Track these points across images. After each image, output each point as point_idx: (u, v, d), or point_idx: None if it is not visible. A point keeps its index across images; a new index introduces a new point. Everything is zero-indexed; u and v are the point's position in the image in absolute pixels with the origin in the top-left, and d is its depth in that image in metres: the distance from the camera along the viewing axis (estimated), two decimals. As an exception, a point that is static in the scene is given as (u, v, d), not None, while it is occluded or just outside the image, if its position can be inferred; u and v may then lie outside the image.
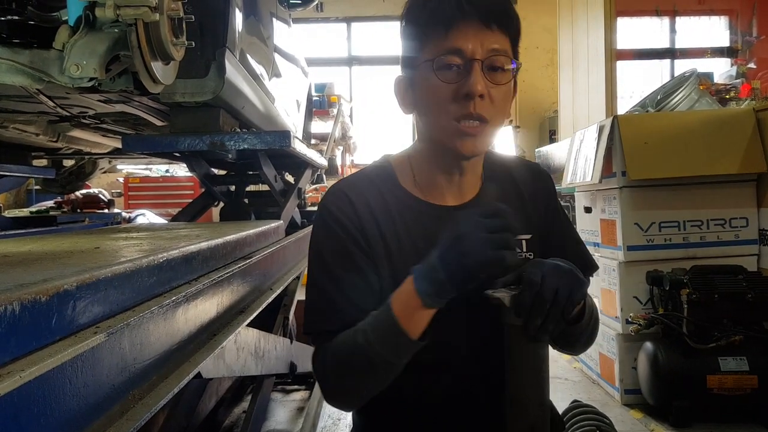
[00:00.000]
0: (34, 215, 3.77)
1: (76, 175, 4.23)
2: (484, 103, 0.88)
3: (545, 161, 4.16)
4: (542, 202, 1.04)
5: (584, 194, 3.25)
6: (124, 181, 6.02)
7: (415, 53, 0.93)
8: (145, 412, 0.78)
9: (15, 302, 0.57)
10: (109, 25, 1.38)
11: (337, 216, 0.94)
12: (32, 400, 0.57)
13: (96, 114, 2.35)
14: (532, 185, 1.05)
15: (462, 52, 0.88)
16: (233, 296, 1.44)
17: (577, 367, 3.41)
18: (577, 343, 0.99)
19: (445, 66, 0.89)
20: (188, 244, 1.16)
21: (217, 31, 1.95)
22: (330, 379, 0.91)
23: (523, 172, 1.06)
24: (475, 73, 0.87)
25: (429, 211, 0.97)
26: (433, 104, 0.91)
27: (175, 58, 1.55)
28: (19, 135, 2.73)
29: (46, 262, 0.90)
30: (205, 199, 2.78)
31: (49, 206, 4.42)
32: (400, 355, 0.84)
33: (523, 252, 1.00)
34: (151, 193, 5.86)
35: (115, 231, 1.93)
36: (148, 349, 0.87)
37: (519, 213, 1.00)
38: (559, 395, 2.88)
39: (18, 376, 0.54)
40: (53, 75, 1.40)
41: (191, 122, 2.13)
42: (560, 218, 1.07)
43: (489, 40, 0.88)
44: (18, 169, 3.12)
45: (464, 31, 0.88)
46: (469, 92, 0.87)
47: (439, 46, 0.89)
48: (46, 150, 3.37)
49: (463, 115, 0.88)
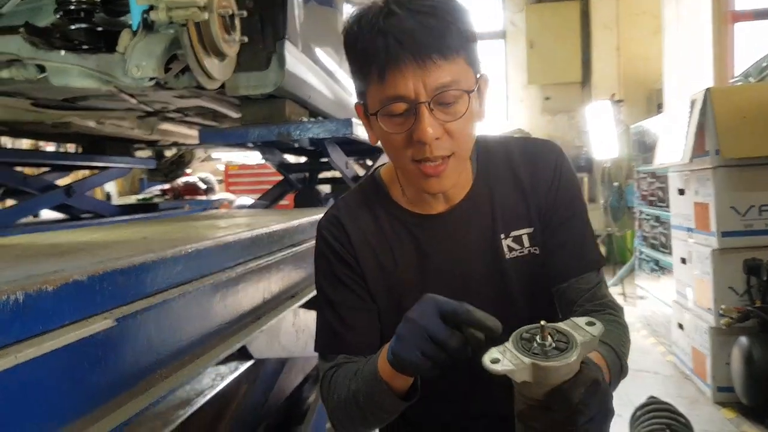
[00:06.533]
0: (139, 202, 4.11)
1: (177, 164, 4.54)
2: (441, 142, 0.82)
3: (640, 138, 3.90)
4: (544, 187, 0.95)
5: (678, 175, 3.02)
6: (224, 168, 6.38)
7: (360, 90, 0.88)
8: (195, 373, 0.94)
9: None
10: (165, 26, 1.46)
11: (330, 243, 0.96)
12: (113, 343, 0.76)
13: (178, 108, 2.51)
14: (531, 170, 0.96)
15: (404, 98, 0.81)
16: (282, 282, 1.50)
17: (670, 361, 3.20)
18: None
19: (392, 114, 0.83)
20: (227, 234, 1.22)
21: (276, 23, 2.00)
22: (332, 417, 0.93)
23: (523, 155, 0.98)
24: (423, 119, 0.80)
25: (416, 221, 0.96)
26: (390, 148, 0.87)
27: (228, 54, 1.61)
28: (118, 129, 2.98)
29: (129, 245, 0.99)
30: (283, 186, 2.89)
31: (155, 194, 4.78)
32: (387, 411, 0.84)
33: (525, 247, 0.95)
34: (248, 179, 6.17)
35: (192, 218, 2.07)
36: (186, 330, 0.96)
37: (518, 204, 0.95)
38: (646, 390, 2.72)
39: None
40: (117, 77, 1.50)
41: (259, 114, 2.22)
42: (567, 204, 0.96)
43: (431, 76, 0.79)
44: (122, 160, 3.41)
45: (401, 73, 0.79)
46: (420, 139, 0.81)
47: (379, 93, 0.82)
48: (147, 142, 3.65)
49: (422, 158, 0.83)
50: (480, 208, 0.96)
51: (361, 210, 0.98)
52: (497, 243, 0.95)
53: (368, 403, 0.84)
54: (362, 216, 0.98)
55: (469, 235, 0.95)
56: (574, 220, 0.96)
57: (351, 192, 1.04)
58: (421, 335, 0.71)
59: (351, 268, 0.96)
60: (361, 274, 0.96)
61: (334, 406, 0.90)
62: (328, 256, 0.97)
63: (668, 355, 3.27)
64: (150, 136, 3.26)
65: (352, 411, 0.87)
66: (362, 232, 0.96)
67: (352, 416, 0.88)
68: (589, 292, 0.94)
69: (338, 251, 0.96)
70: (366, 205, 0.99)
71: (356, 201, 1.00)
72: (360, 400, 0.85)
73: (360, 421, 0.88)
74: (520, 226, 0.95)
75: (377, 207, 0.98)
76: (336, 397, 0.89)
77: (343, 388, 0.88)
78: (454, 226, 0.95)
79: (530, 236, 0.95)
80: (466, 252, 0.95)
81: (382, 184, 1.00)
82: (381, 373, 0.81)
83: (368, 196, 1.00)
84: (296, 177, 2.85)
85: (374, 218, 0.97)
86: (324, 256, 0.98)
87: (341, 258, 0.96)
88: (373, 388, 0.82)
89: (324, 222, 1.00)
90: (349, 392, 0.87)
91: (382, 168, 1.04)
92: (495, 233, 0.95)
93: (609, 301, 0.96)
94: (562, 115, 6.66)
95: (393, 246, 0.96)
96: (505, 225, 0.95)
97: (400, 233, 0.96)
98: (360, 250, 0.96)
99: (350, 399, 0.86)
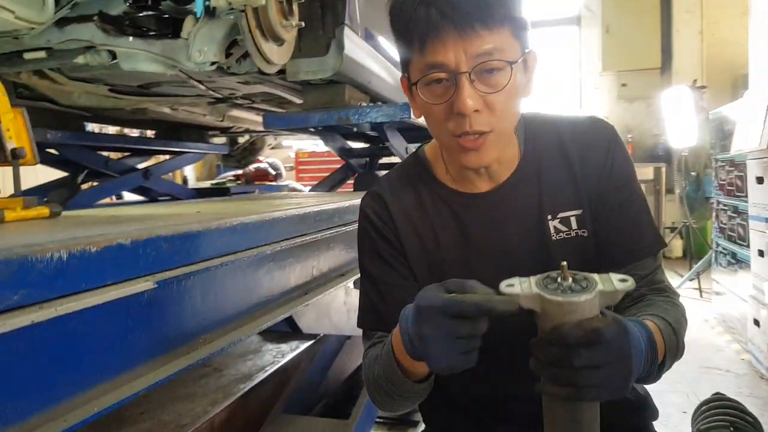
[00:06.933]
0: (213, 186, 4.31)
1: (249, 150, 4.72)
2: (481, 116, 0.81)
3: (719, 125, 3.68)
4: (596, 169, 0.92)
5: (756, 162, 2.83)
6: (294, 155, 6.55)
7: (403, 63, 0.88)
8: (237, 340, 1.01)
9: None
10: (225, 12, 1.52)
11: (372, 219, 0.98)
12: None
13: (245, 95, 2.61)
14: (582, 151, 0.93)
15: (444, 66, 0.80)
16: (332, 260, 1.54)
17: (745, 359, 3.03)
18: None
19: (432, 83, 0.82)
20: (275, 210, 1.27)
21: (336, 9, 2.04)
22: (370, 394, 0.95)
23: (574, 135, 0.94)
24: (463, 89, 0.79)
25: (459, 200, 0.95)
26: (431, 120, 0.87)
27: (286, 39, 1.66)
28: (191, 116, 3.13)
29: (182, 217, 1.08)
30: (344, 171, 2.95)
31: (229, 178, 4.99)
32: (408, 392, 0.86)
33: (572, 229, 0.93)
34: (318, 166, 6.31)
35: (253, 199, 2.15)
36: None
37: (567, 185, 0.93)
38: (715, 388, 2.59)
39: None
40: (181, 61, 1.59)
41: (320, 99, 2.27)
42: (621, 187, 0.93)
43: (473, 46, 0.78)
44: (195, 146, 3.58)
45: (442, 42, 0.79)
46: (460, 111, 0.80)
47: (420, 63, 0.82)
48: (220, 129, 3.81)
49: (461, 132, 0.82)
50: (526, 187, 0.94)
51: (403, 187, 0.99)
52: (543, 224, 0.93)
53: (390, 388, 0.86)
54: (404, 193, 0.98)
55: (514, 214, 0.93)
56: (629, 204, 0.93)
57: (394, 169, 1.05)
58: (446, 341, 0.68)
59: (392, 245, 0.97)
60: (402, 252, 0.96)
61: (368, 385, 0.93)
62: (369, 232, 0.98)
63: (743, 354, 3.09)
64: (222, 123, 3.40)
65: (381, 392, 0.89)
66: (404, 209, 0.97)
67: (383, 397, 0.90)
68: (646, 278, 0.91)
69: (380, 228, 0.97)
70: (409, 182, 0.99)
71: (399, 178, 1.01)
72: (382, 384, 0.87)
73: (389, 401, 0.90)
74: (569, 208, 0.93)
75: (420, 185, 0.98)
76: (368, 379, 0.92)
77: (371, 370, 0.91)
78: (499, 206, 0.94)
79: (578, 218, 0.92)
80: (511, 232, 0.93)
81: (426, 161, 1.00)
82: (398, 359, 0.82)
83: (411, 174, 1.00)
84: (357, 162, 2.89)
85: (416, 196, 0.98)
86: (366, 232, 0.99)
87: (383, 235, 0.97)
88: (390, 375, 0.85)
89: (367, 199, 1.01)
90: (374, 376, 0.89)
91: (426, 146, 1.03)
92: (542, 214, 0.93)
93: (665, 285, 0.93)
94: (639, 102, 6.37)
95: (435, 224, 0.96)
96: (553, 206, 0.93)
97: (442, 211, 0.96)
98: (401, 228, 0.96)
99: (376, 382, 0.89)
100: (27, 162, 1.06)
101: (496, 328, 0.71)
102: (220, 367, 1.97)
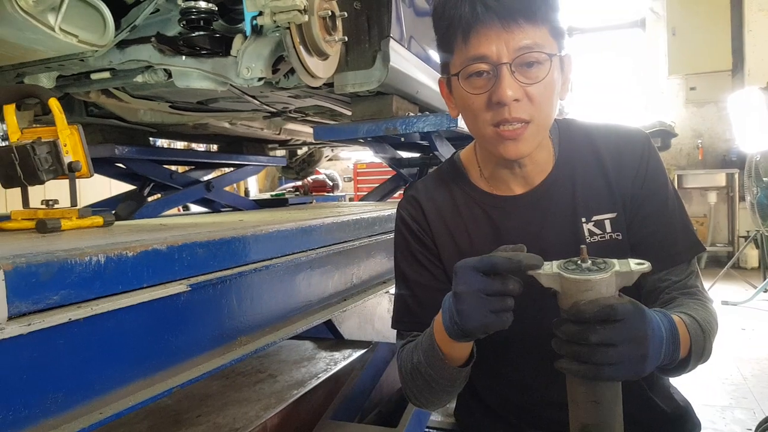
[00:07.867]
0: (272, 197, 4.45)
1: (308, 162, 4.84)
2: (521, 105, 0.83)
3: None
4: (630, 175, 0.93)
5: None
6: (353, 166, 6.67)
7: (444, 61, 0.91)
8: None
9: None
10: (272, 30, 1.59)
11: (407, 222, 1.01)
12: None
13: (298, 108, 2.69)
14: (618, 156, 0.94)
15: (486, 58, 0.83)
16: (372, 267, 1.57)
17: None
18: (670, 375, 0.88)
19: (473, 75, 0.85)
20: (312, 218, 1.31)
21: (381, 23, 2.08)
22: (405, 389, 0.96)
23: (608, 142, 0.96)
24: (504, 79, 0.82)
25: (493, 203, 0.97)
26: (470, 113, 0.89)
27: (330, 54, 1.71)
28: (249, 130, 3.25)
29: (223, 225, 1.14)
30: (395, 181, 2.98)
31: (288, 189, 5.13)
32: (449, 380, 0.87)
33: (606, 233, 0.93)
34: (375, 177, 6.38)
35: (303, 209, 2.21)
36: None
37: (601, 189, 0.93)
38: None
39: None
40: (231, 78, 1.67)
41: (368, 110, 2.32)
42: (655, 193, 0.93)
43: (515, 38, 0.82)
44: (255, 159, 3.71)
45: (485, 35, 0.83)
46: (500, 101, 0.83)
47: (462, 56, 0.86)
48: (279, 142, 3.94)
49: (501, 120, 0.84)
50: (561, 191, 0.95)
51: (438, 191, 1.02)
52: (578, 227, 0.94)
53: (430, 374, 0.87)
54: (439, 197, 1.01)
55: (548, 217, 0.95)
56: (664, 210, 0.94)
57: (430, 174, 1.08)
58: (477, 298, 0.72)
59: (427, 247, 0.99)
60: (437, 254, 0.99)
61: (404, 378, 0.95)
62: (405, 234, 1.01)
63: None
64: (279, 136, 3.52)
65: (418, 382, 0.91)
66: (439, 212, 1.00)
67: (419, 387, 0.91)
68: (679, 283, 0.92)
69: (415, 230, 1.00)
70: (444, 186, 1.02)
71: (434, 182, 1.04)
72: (422, 371, 0.88)
73: (427, 391, 0.91)
74: (603, 211, 0.94)
75: (454, 188, 1.01)
76: (404, 371, 0.94)
77: (408, 361, 0.92)
78: (533, 209, 0.95)
79: (613, 221, 0.93)
80: (545, 235, 0.95)
81: (461, 165, 1.03)
82: (439, 344, 0.84)
83: (446, 178, 1.03)
84: (408, 172, 2.92)
85: (451, 199, 1.00)
86: (401, 234, 1.02)
87: (417, 237, 1.00)
88: (431, 359, 0.86)
89: (403, 202, 1.05)
90: (413, 365, 0.91)
91: (461, 151, 1.06)
92: (576, 217, 0.94)
93: (698, 290, 0.92)
94: (710, 106, 6.09)
95: (469, 226, 0.98)
96: (587, 209, 0.94)
97: (476, 214, 0.98)
98: (436, 230, 0.99)
99: (415, 371, 0.90)
100: (83, 175, 1.15)
101: (529, 331, 0.73)
102: (274, 374, 2.03)
